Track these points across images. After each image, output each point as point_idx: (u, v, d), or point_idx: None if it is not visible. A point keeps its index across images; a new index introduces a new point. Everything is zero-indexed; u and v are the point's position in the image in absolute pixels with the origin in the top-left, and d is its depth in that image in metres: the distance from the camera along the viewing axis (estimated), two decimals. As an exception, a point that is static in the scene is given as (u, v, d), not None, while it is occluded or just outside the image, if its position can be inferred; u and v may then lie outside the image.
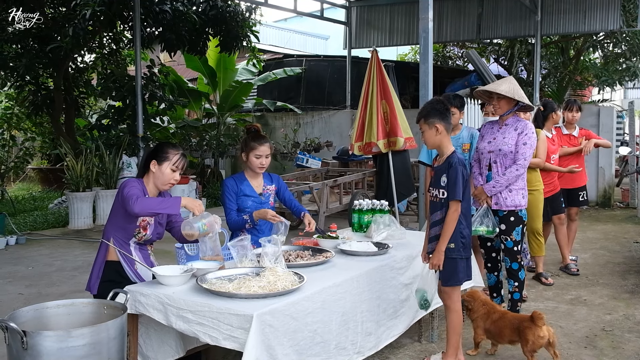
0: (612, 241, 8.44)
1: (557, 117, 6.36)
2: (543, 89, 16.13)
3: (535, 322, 3.92)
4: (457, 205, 3.72)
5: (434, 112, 3.82)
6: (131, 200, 3.27)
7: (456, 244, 3.78)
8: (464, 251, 3.82)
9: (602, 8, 12.41)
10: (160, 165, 3.53)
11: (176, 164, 3.54)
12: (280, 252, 3.39)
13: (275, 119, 15.02)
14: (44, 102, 11.00)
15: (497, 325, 4.18)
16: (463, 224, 3.79)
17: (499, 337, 4.21)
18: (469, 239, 3.86)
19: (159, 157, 3.53)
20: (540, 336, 3.90)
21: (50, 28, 10.29)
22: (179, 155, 3.56)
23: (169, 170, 3.53)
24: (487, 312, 4.26)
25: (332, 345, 3.26)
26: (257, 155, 4.16)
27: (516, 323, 4.08)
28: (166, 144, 3.67)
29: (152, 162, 3.54)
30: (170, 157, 3.53)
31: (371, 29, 14.86)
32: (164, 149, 3.58)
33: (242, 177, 4.28)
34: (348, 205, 8.11)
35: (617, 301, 5.63)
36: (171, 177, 3.55)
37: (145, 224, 3.54)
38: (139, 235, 3.54)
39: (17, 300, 5.85)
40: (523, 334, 3.96)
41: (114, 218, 3.51)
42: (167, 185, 3.58)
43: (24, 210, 11.03)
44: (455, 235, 3.77)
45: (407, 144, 7.75)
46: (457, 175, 3.71)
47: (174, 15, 9.99)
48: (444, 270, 3.83)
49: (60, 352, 2.56)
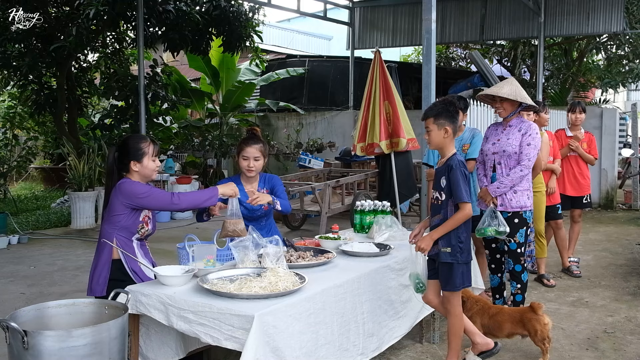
0: (615, 243, 8.43)
1: (543, 118, 6.21)
2: (546, 90, 16.11)
3: (536, 311, 4.09)
4: (466, 207, 3.64)
5: (445, 113, 3.73)
6: (174, 198, 3.44)
7: (452, 248, 3.70)
8: (461, 256, 3.72)
9: (606, 10, 12.38)
10: (141, 162, 3.55)
11: (154, 154, 3.60)
12: (282, 253, 3.39)
13: (278, 119, 15.01)
14: (47, 102, 11.00)
15: (495, 320, 4.26)
16: (461, 228, 3.73)
17: (498, 332, 4.27)
18: (468, 244, 3.79)
19: (136, 155, 3.54)
20: (545, 323, 4.09)
21: (53, 27, 10.30)
22: (151, 144, 3.60)
23: (150, 162, 3.58)
24: (482, 308, 4.33)
25: (336, 347, 3.26)
26: (244, 157, 4.07)
27: (518, 316, 4.20)
28: (131, 140, 3.62)
29: (132, 162, 3.54)
30: (146, 150, 3.56)
31: (374, 30, 14.85)
32: (134, 145, 3.56)
33: (237, 180, 4.18)
34: (350, 206, 8.10)
35: (619, 303, 5.62)
36: (154, 166, 3.61)
37: (147, 218, 3.57)
38: (142, 230, 3.56)
39: (19, 299, 5.86)
40: (529, 325, 4.10)
41: (115, 217, 3.48)
42: (153, 174, 3.63)
43: (26, 209, 11.05)
44: (451, 239, 3.70)
45: (410, 145, 7.74)
46: (458, 177, 3.65)
47: (177, 15, 10.00)
48: (441, 275, 3.81)
49: (61, 352, 2.55)
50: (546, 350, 4.12)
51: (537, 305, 4.12)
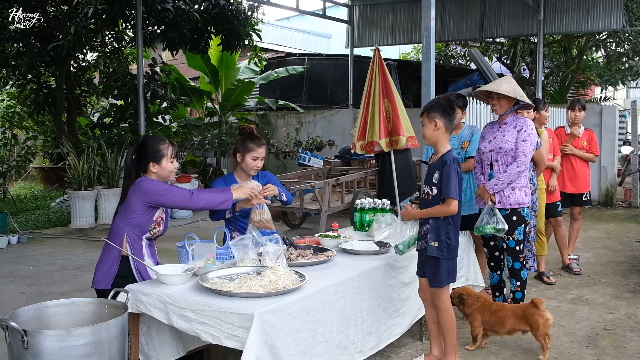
0: (614, 240, 8.43)
1: (543, 116, 6.23)
2: (545, 88, 16.10)
3: (538, 306, 4.17)
4: (452, 203, 3.67)
5: (436, 107, 3.81)
6: (192, 196, 3.49)
7: (440, 243, 3.73)
8: (448, 252, 3.74)
9: (605, 7, 12.38)
10: (159, 164, 3.55)
11: (172, 155, 3.62)
12: (282, 251, 3.39)
13: (277, 117, 15.01)
14: (46, 101, 11.00)
15: (497, 316, 4.28)
16: (450, 224, 3.75)
17: (500, 328, 4.29)
18: (455, 242, 3.79)
19: (155, 157, 3.54)
20: (547, 319, 4.15)
21: (52, 26, 10.29)
22: (170, 146, 3.61)
23: (169, 163, 3.60)
24: (483, 305, 4.35)
25: (334, 345, 3.26)
26: (254, 157, 4.11)
27: (521, 312, 4.24)
28: (150, 141, 3.62)
29: (150, 163, 3.54)
30: (165, 152, 3.57)
31: (373, 28, 14.84)
32: (153, 147, 3.56)
33: (231, 178, 4.19)
34: (350, 204, 8.10)
35: (619, 300, 5.62)
36: (172, 168, 3.64)
37: (159, 219, 3.58)
38: (154, 230, 3.56)
39: (19, 299, 5.85)
40: (532, 320, 4.15)
41: (131, 214, 3.47)
42: (170, 175, 3.65)
43: (25, 209, 11.05)
44: (440, 234, 3.73)
45: (410, 143, 7.72)
46: (450, 173, 3.68)
47: (176, 14, 9.99)
48: (428, 271, 3.82)
49: (61, 351, 2.55)
50: (546, 347, 4.14)
51: (539, 301, 4.19)
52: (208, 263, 3.46)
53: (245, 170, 4.16)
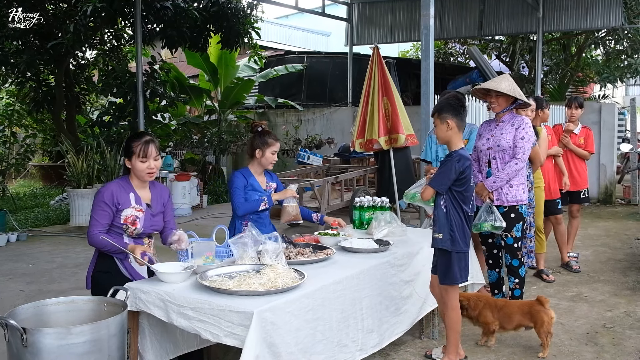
0: (614, 238, 8.43)
1: (545, 114, 6.25)
2: (545, 85, 16.11)
3: (544, 304, 4.21)
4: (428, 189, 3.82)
5: (447, 107, 3.82)
6: None
7: (444, 234, 3.78)
8: (453, 244, 3.76)
9: (604, 5, 12.38)
10: (130, 160, 3.51)
11: (145, 155, 3.47)
12: (281, 249, 3.39)
13: (276, 115, 15.00)
14: (45, 99, 10.98)
15: (504, 313, 4.32)
16: (454, 217, 3.78)
17: (507, 324, 4.32)
18: (459, 235, 3.78)
19: (127, 153, 3.51)
20: (552, 317, 4.20)
21: (51, 24, 10.27)
22: (143, 145, 3.47)
23: (139, 162, 3.48)
24: (487, 302, 4.37)
25: (334, 343, 3.26)
26: (274, 151, 4.36)
27: (526, 308, 4.29)
28: (131, 137, 3.58)
29: (126, 160, 3.53)
30: (135, 150, 3.47)
31: (373, 26, 14.83)
32: (127, 143, 3.53)
33: (248, 172, 4.40)
34: (349, 202, 8.10)
35: (618, 298, 5.63)
36: (142, 167, 3.48)
37: (132, 219, 3.47)
38: (129, 230, 3.48)
39: (18, 297, 5.86)
40: (537, 316, 4.19)
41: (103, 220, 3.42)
42: (146, 176, 3.53)
43: (25, 207, 11.04)
44: (443, 226, 3.78)
45: (409, 141, 7.73)
46: (445, 167, 3.75)
47: (175, 12, 9.98)
48: (440, 267, 3.85)
49: (60, 349, 2.55)
50: (547, 344, 4.16)
51: (545, 299, 4.25)
52: (207, 261, 3.46)
53: (264, 164, 4.39)
